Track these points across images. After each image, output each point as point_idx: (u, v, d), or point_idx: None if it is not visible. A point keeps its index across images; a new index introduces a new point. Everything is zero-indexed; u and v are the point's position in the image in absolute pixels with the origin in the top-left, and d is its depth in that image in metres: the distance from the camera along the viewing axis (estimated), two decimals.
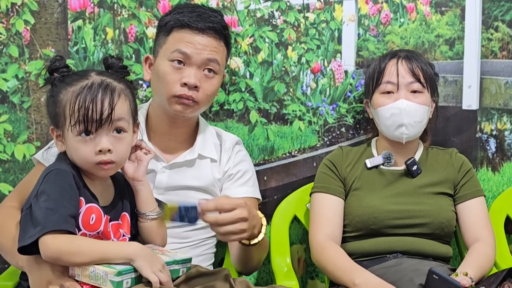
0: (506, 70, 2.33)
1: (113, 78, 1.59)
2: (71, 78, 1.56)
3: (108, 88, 1.54)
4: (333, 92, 2.34)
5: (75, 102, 1.51)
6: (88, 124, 1.51)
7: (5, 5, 2.21)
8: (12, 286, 1.82)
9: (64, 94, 1.54)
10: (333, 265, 1.91)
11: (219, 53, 1.90)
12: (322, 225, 2.01)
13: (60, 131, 1.57)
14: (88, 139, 1.53)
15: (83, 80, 1.54)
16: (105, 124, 1.52)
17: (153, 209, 1.68)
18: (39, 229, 1.44)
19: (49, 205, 1.47)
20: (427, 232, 1.99)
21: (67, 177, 1.52)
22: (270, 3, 2.32)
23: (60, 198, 1.48)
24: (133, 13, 2.27)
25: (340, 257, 1.93)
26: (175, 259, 1.56)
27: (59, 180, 1.52)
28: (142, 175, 1.67)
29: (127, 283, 1.43)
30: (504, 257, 2.09)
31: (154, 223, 1.67)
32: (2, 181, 2.22)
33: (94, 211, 1.56)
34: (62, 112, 1.54)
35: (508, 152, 2.34)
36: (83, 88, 1.52)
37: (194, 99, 1.87)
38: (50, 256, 1.46)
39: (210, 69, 1.88)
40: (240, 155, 2.04)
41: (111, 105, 1.53)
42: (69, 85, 1.54)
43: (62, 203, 1.47)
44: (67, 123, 1.53)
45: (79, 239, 1.49)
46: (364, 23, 2.35)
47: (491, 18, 2.32)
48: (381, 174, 2.08)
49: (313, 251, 2.00)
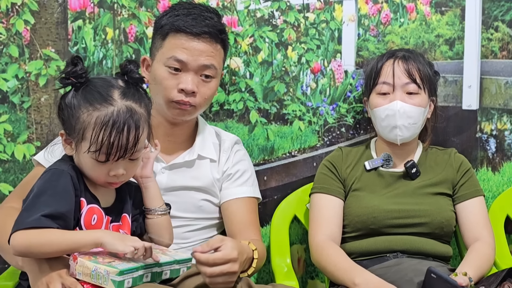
0: (506, 70, 2.33)
1: (135, 99, 1.56)
2: (93, 96, 1.53)
3: (133, 120, 1.52)
4: (333, 92, 2.34)
5: (99, 133, 1.49)
6: (110, 156, 1.52)
7: (5, 5, 2.21)
8: (12, 286, 1.82)
9: (85, 114, 1.52)
10: (333, 265, 1.91)
11: (215, 57, 1.89)
12: (321, 225, 2.01)
13: (73, 141, 1.56)
14: (103, 164, 1.54)
15: (108, 106, 1.51)
16: (126, 157, 1.54)
17: (161, 205, 1.70)
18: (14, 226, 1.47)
19: (31, 203, 1.49)
20: (426, 232, 1.99)
21: (63, 178, 1.53)
22: (270, 3, 2.32)
23: (47, 198, 1.49)
24: (133, 13, 2.27)
25: (340, 257, 1.93)
26: (176, 259, 1.56)
27: (54, 180, 1.53)
28: (150, 172, 1.70)
29: (128, 282, 1.43)
30: (504, 257, 2.09)
31: (162, 219, 1.69)
32: (2, 181, 2.22)
33: (96, 212, 1.57)
34: (81, 131, 1.52)
35: (508, 152, 2.34)
36: (108, 118, 1.50)
37: (192, 104, 1.87)
38: (19, 250, 1.47)
39: (207, 75, 1.88)
40: (239, 155, 2.03)
41: (135, 140, 1.53)
42: (92, 105, 1.52)
43: (46, 202, 1.48)
44: (84, 144, 1.52)
45: (49, 231, 1.47)
46: (364, 23, 2.35)
47: (491, 18, 2.32)
48: (380, 176, 2.08)
49: (313, 252, 2.00)
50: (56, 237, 1.47)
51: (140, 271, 1.46)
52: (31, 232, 1.45)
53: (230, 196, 1.97)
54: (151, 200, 1.69)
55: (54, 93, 2.23)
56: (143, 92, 1.61)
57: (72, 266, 1.47)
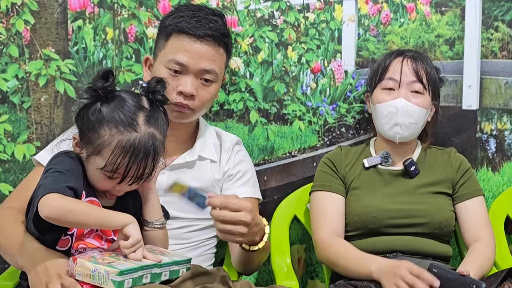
0: (506, 70, 2.33)
1: (158, 126, 1.57)
2: (118, 117, 1.53)
3: (153, 148, 1.54)
4: (333, 92, 2.34)
5: (118, 157, 1.51)
6: (125, 180, 1.54)
7: (5, 5, 2.21)
8: (12, 286, 1.82)
9: (107, 133, 1.52)
10: (344, 258, 1.90)
11: (217, 62, 1.89)
12: (325, 222, 2.01)
13: (85, 149, 1.57)
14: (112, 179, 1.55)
15: (131, 131, 1.52)
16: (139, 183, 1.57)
17: (159, 218, 1.68)
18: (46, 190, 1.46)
19: (56, 175, 1.50)
20: (426, 232, 1.99)
21: (75, 161, 1.57)
22: (270, 3, 2.32)
23: (66, 173, 1.51)
24: (133, 13, 2.27)
25: (349, 249, 1.92)
26: (175, 260, 1.56)
27: (66, 160, 1.56)
28: (153, 183, 1.68)
29: (128, 283, 1.43)
30: (504, 257, 2.09)
31: (158, 233, 1.67)
32: (2, 181, 2.22)
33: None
34: (99, 148, 1.53)
35: (508, 152, 2.34)
36: (129, 146, 1.51)
37: (190, 107, 1.87)
38: (54, 213, 1.45)
39: (206, 79, 1.88)
40: (240, 155, 2.03)
41: (151, 168, 1.56)
42: (116, 127, 1.52)
43: (69, 177, 1.51)
44: (99, 160, 1.53)
45: (84, 203, 1.53)
46: (364, 23, 2.35)
47: (491, 18, 2.32)
48: (379, 174, 2.08)
49: (319, 249, 1.99)
50: (92, 210, 1.51)
51: (139, 271, 1.46)
52: (68, 199, 1.47)
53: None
54: (150, 212, 1.68)
55: (54, 93, 2.23)
56: (163, 114, 1.61)
57: (72, 267, 1.47)
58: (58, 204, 1.45)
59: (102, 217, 1.51)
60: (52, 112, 2.24)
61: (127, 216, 1.53)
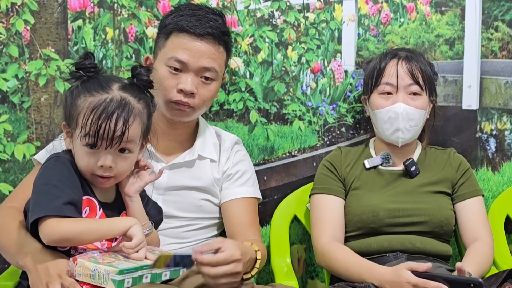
0: (506, 70, 2.33)
1: (134, 95, 1.57)
2: (93, 85, 1.55)
3: (125, 109, 1.53)
4: (333, 92, 2.34)
5: (89, 116, 1.50)
6: (97, 141, 1.52)
7: (5, 5, 2.21)
8: (12, 286, 1.82)
9: (82, 100, 1.53)
10: (345, 269, 1.90)
11: (217, 60, 1.89)
12: (324, 227, 2.01)
13: (70, 131, 1.58)
14: (93, 152, 1.53)
15: (103, 93, 1.53)
16: (114, 144, 1.53)
17: (143, 224, 1.65)
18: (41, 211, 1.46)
19: (50, 189, 1.49)
20: (426, 231, 1.99)
21: (67, 164, 1.55)
22: (270, 3, 2.32)
23: (60, 185, 1.50)
24: (133, 13, 2.27)
25: (349, 259, 1.91)
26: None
27: (58, 166, 1.54)
28: (134, 192, 1.66)
29: (128, 282, 1.43)
30: (504, 257, 2.09)
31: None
32: (2, 181, 2.22)
33: (90, 204, 1.57)
34: (76, 117, 1.54)
35: (508, 152, 2.34)
36: (100, 103, 1.51)
37: (190, 105, 1.87)
38: (55, 239, 1.48)
39: (206, 77, 1.88)
40: (239, 155, 2.03)
41: (124, 128, 1.52)
42: (89, 93, 1.53)
43: (63, 189, 1.49)
44: (77, 130, 1.53)
45: (83, 220, 1.52)
46: (364, 23, 2.35)
47: (491, 18, 2.32)
48: (380, 175, 2.08)
49: (319, 256, 1.99)
50: (92, 225, 1.51)
51: (140, 271, 1.46)
52: (65, 221, 1.47)
53: (230, 196, 1.97)
54: None
55: (54, 93, 2.23)
56: (148, 94, 1.61)
57: (72, 267, 1.47)
58: (57, 230, 1.47)
59: (105, 229, 1.51)
60: (52, 112, 2.23)
61: (128, 220, 1.54)
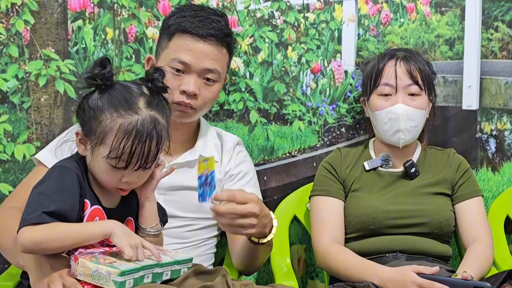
0: (506, 70, 2.33)
1: (159, 110, 1.55)
2: (118, 99, 1.51)
3: (156, 131, 1.51)
4: (333, 92, 2.34)
5: (121, 141, 1.48)
6: (129, 165, 1.51)
7: (5, 5, 2.21)
8: (12, 286, 1.82)
9: (108, 118, 1.50)
10: (346, 267, 1.90)
11: (219, 61, 1.89)
12: (324, 229, 2.01)
13: (88, 142, 1.55)
14: (118, 170, 1.52)
15: (133, 114, 1.50)
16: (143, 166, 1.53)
17: (154, 225, 1.65)
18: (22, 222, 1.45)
19: (35, 198, 1.48)
20: (426, 231, 1.99)
21: (70, 176, 1.52)
22: (270, 3, 2.32)
23: (54, 195, 1.48)
24: (133, 13, 2.26)
25: (350, 260, 1.92)
26: (176, 259, 1.56)
27: (60, 177, 1.52)
28: (150, 192, 1.65)
29: (129, 283, 1.43)
30: (503, 258, 2.09)
31: (152, 239, 1.64)
32: (2, 181, 2.22)
33: (98, 213, 1.56)
34: (102, 135, 1.50)
35: (508, 152, 2.35)
36: (132, 128, 1.49)
37: (193, 106, 1.87)
38: (28, 247, 1.46)
39: (209, 78, 1.88)
40: (241, 156, 2.04)
41: (156, 151, 1.53)
42: (116, 111, 1.50)
43: (53, 199, 1.47)
44: (103, 149, 1.51)
45: (58, 224, 1.46)
46: (364, 23, 2.35)
47: (491, 18, 2.33)
48: (379, 176, 2.08)
49: (319, 258, 1.99)
50: (66, 231, 1.46)
51: (141, 272, 1.46)
52: (39, 228, 1.44)
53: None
54: (145, 219, 1.65)
55: (54, 93, 2.23)
56: (165, 102, 1.60)
57: (73, 267, 1.47)
58: (28, 237, 1.44)
59: (82, 234, 1.47)
60: (52, 112, 2.23)
61: (105, 224, 1.51)
